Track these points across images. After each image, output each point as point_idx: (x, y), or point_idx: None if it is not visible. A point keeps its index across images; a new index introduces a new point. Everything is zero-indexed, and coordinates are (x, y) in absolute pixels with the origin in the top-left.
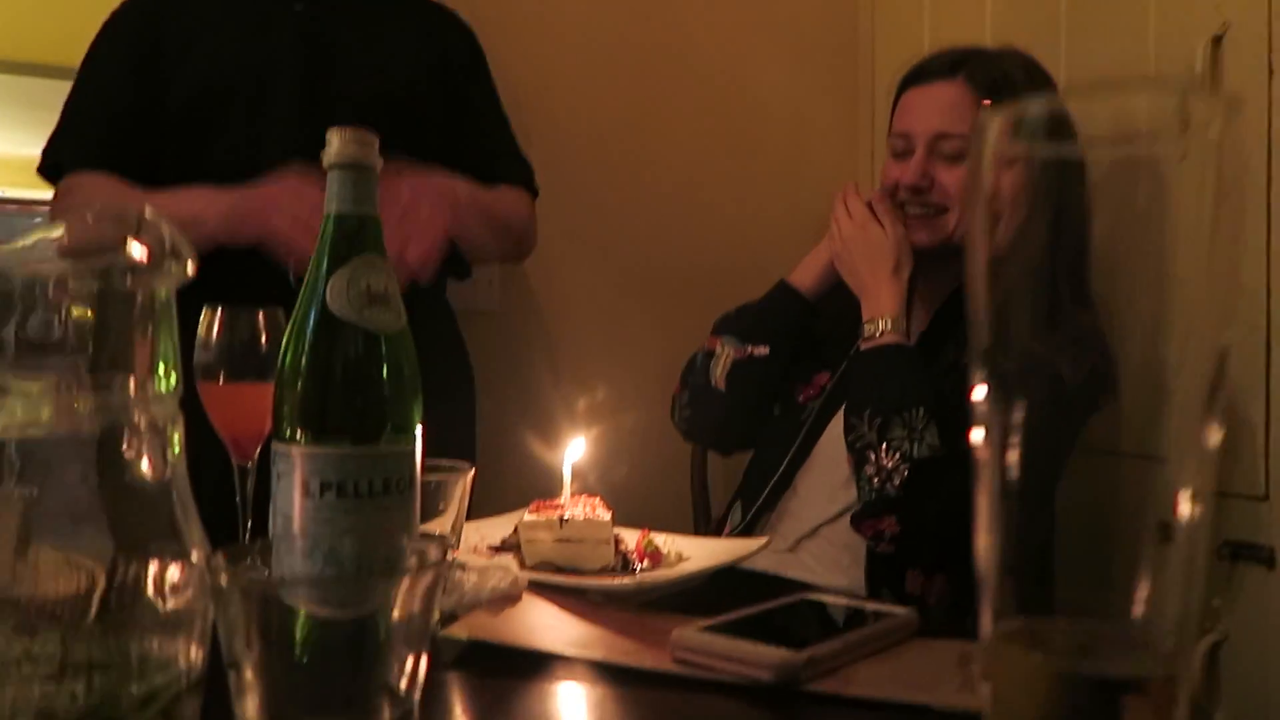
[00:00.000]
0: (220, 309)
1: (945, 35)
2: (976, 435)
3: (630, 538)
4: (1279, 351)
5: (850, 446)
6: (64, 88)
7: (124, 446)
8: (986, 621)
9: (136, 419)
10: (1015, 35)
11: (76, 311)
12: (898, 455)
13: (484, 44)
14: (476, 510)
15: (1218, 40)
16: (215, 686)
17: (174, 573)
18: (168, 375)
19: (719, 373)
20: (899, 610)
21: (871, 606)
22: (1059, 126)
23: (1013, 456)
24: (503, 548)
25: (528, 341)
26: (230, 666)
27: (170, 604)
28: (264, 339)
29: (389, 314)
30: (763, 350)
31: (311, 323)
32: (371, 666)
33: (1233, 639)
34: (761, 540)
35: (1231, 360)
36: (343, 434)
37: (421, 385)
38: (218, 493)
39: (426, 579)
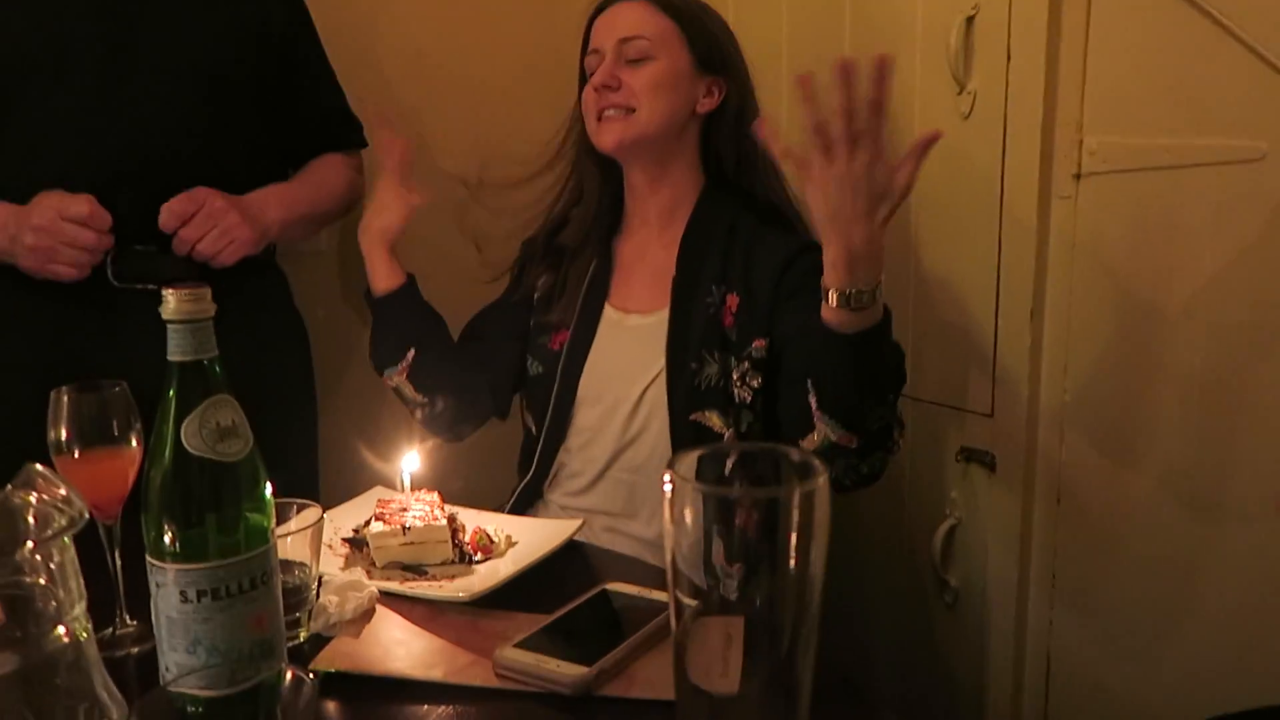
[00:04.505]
0: (66, 391)
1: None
2: None
3: (469, 522)
4: (1005, 295)
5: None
6: None
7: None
8: None
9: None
10: (805, 6)
11: None
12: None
13: None
14: (324, 448)
15: (970, 20)
16: None
17: None
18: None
19: (409, 394)
20: None
21: (657, 595)
22: None
23: None
24: (354, 541)
25: (356, 277)
26: None
27: None
28: (111, 412)
29: (238, 442)
30: (410, 355)
31: (171, 460)
32: None
33: (964, 524)
34: (576, 522)
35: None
36: (210, 551)
37: (256, 348)
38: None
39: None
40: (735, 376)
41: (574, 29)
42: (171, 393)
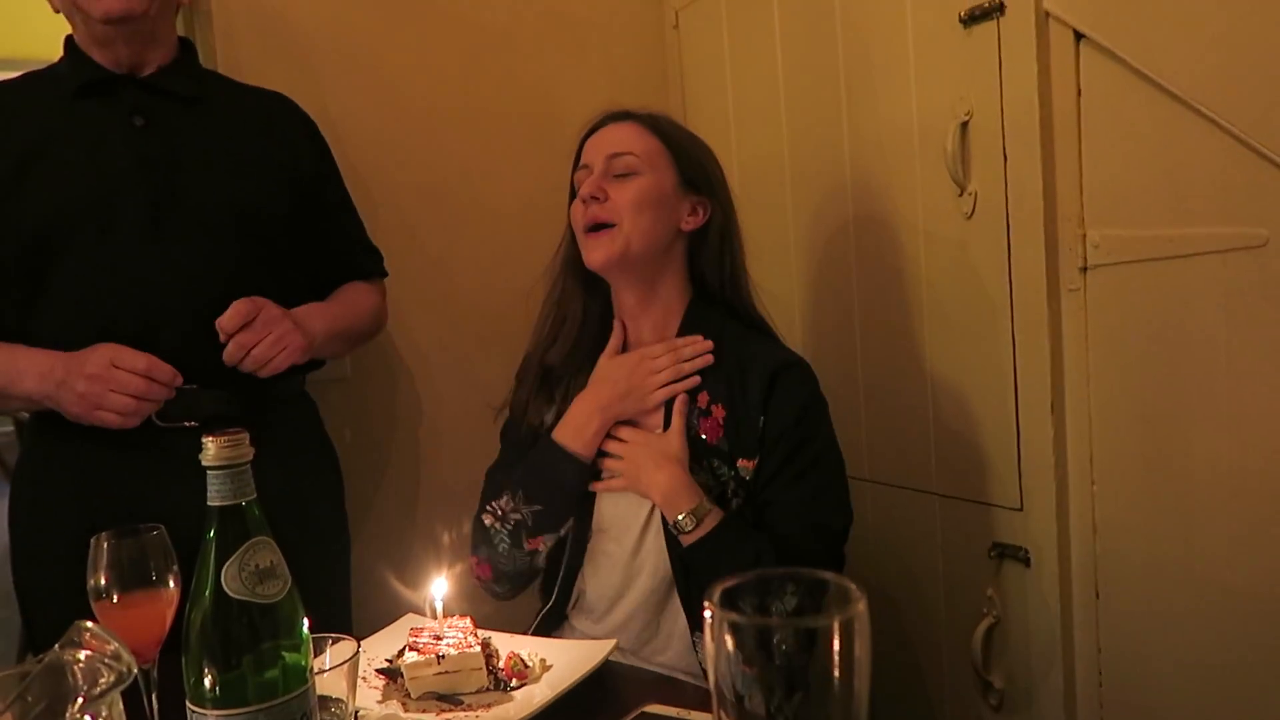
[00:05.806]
0: (105, 537)
1: (745, 98)
2: None
3: (503, 647)
4: (1024, 388)
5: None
6: None
7: None
8: None
9: None
10: (805, 105)
11: None
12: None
13: (321, 117)
14: (354, 575)
15: (964, 125)
16: None
17: None
18: None
19: (524, 568)
20: None
21: (696, 716)
22: None
23: None
24: (389, 672)
25: (380, 404)
26: None
27: None
28: (148, 555)
29: (277, 583)
30: (570, 523)
31: (211, 603)
32: None
33: (1003, 622)
34: (610, 643)
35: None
36: (250, 695)
37: (293, 476)
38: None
39: None
40: (730, 488)
41: (568, 158)
42: (211, 535)
